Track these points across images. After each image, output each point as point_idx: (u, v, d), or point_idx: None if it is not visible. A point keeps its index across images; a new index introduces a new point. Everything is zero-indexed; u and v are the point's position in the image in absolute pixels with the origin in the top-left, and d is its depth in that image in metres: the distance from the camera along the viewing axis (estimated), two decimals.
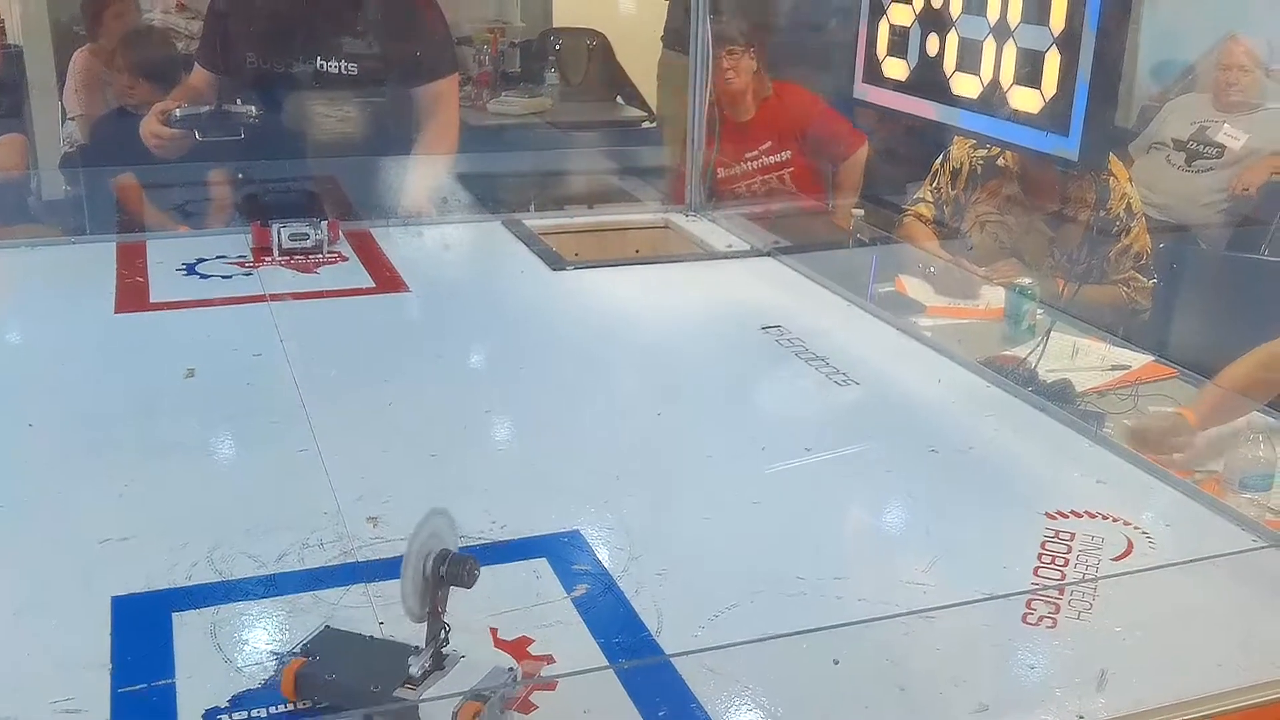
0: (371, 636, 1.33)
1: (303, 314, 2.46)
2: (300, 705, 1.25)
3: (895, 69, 2.41)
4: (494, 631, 1.39)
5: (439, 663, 1.27)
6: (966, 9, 2.19)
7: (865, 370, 2.24)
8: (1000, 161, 3.19)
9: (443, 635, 1.27)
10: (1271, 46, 4.32)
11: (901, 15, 2.35)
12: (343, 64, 3.11)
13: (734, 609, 1.46)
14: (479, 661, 1.29)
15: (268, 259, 2.72)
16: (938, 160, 3.33)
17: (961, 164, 3.26)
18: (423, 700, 1.23)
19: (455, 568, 1.25)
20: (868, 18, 2.47)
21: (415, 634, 1.28)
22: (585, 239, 3.10)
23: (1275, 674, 1.36)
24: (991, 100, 2.15)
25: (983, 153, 3.21)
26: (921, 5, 2.30)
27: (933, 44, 2.28)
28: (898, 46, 2.39)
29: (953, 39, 2.23)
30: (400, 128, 3.20)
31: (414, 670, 1.25)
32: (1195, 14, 4.56)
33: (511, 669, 1.30)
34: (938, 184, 3.33)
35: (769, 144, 4.01)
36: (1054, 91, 2.00)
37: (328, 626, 1.34)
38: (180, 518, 1.65)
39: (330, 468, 1.79)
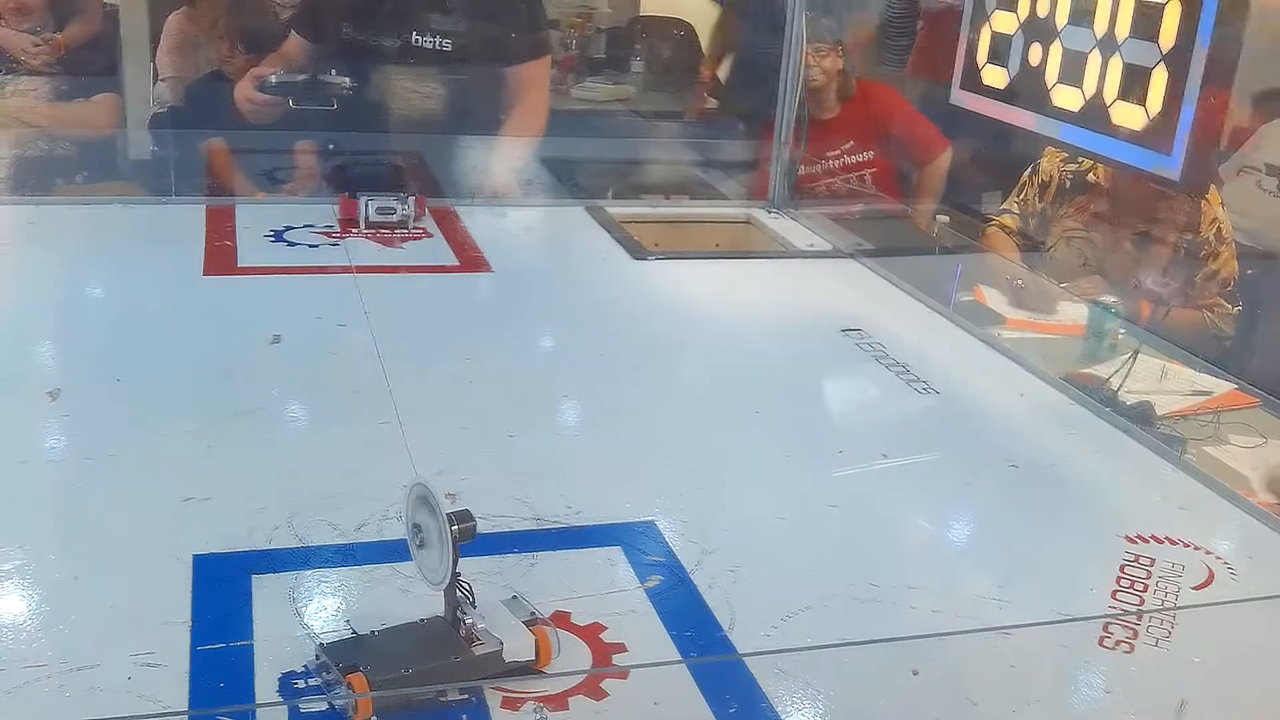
0: (373, 631, 1.32)
1: (387, 287, 2.48)
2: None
3: (995, 76, 2.38)
4: (567, 616, 1.40)
5: (470, 600, 1.30)
6: (1072, 20, 2.16)
7: (945, 378, 2.22)
8: (1090, 177, 3.14)
9: (467, 593, 1.29)
10: None
11: (1004, 23, 2.33)
12: (436, 40, 3.12)
13: (806, 611, 1.46)
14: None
15: (354, 231, 2.75)
16: (1026, 172, 3.29)
17: (1050, 177, 3.22)
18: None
19: (464, 525, 1.25)
20: (969, 24, 2.44)
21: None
22: (667, 229, 3.10)
23: None
24: (1093, 114, 2.11)
25: (1073, 167, 3.16)
26: (1026, 14, 2.27)
27: (1035, 53, 2.25)
28: (999, 54, 2.36)
29: (1056, 49, 2.20)
30: (489, 107, 3.21)
31: (471, 628, 1.26)
32: None
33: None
34: (1025, 195, 3.29)
35: (851, 143, 3.99)
36: (1159, 109, 1.96)
37: (323, 644, 1.29)
38: (261, 481, 1.67)
39: (410, 441, 1.80)
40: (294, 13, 3.83)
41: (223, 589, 1.42)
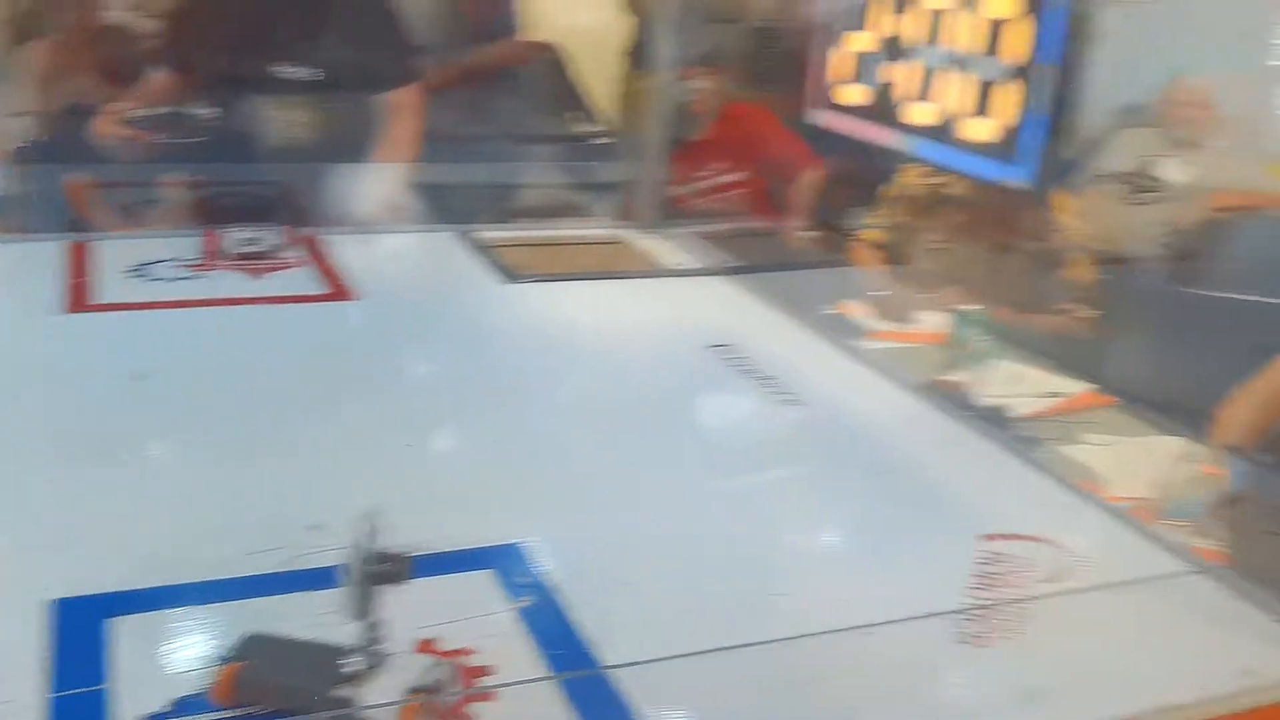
0: (296, 639, 1.33)
1: (252, 320, 2.46)
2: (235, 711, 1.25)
3: (851, 95, 2.45)
4: (432, 642, 1.40)
5: (372, 661, 1.28)
6: (925, 38, 2.24)
7: (812, 390, 2.27)
8: (949, 190, 3.24)
9: (378, 635, 1.28)
10: (1220, 85, 4.41)
11: (860, 42, 2.40)
12: (304, 69, 3.11)
13: (677, 624, 1.48)
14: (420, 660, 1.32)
15: (219, 263, 2.72)
16: (888, 187, 3.38)
17: (911, 191, 3.31)
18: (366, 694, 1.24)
19: (388, 566, 1.26)
20: (826, 43, 2.51)
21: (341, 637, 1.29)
22: (539, 252, 3.11)
23: (1194, 695, 1.40)
24: (946, 129, 2.19)
25: (932, 181, 3.26)
26: (880, 33, 2.34)
27: (888, 71, 2.32)
28: (855, 72, 2.43)
29: (908, 67, 2.27)
30: (359, 135, 3.20)
31: (348, 670, 1.26)
32: (1145, 50, 4.65)
33: (443, 664, 1.33)
34: (887, 210, 3.38)
35: (723, 163, 4.05)
36: (1008, 122, 2.04)
37: (250, 633, 1.34)
38: (121, 521, 1.64)
39: (276, 475, 1.80)
40: (158, 44, 3.78)
41: (81, 633, 1.40)
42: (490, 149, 4.69)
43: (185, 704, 1.27)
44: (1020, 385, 2.48)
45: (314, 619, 1.36)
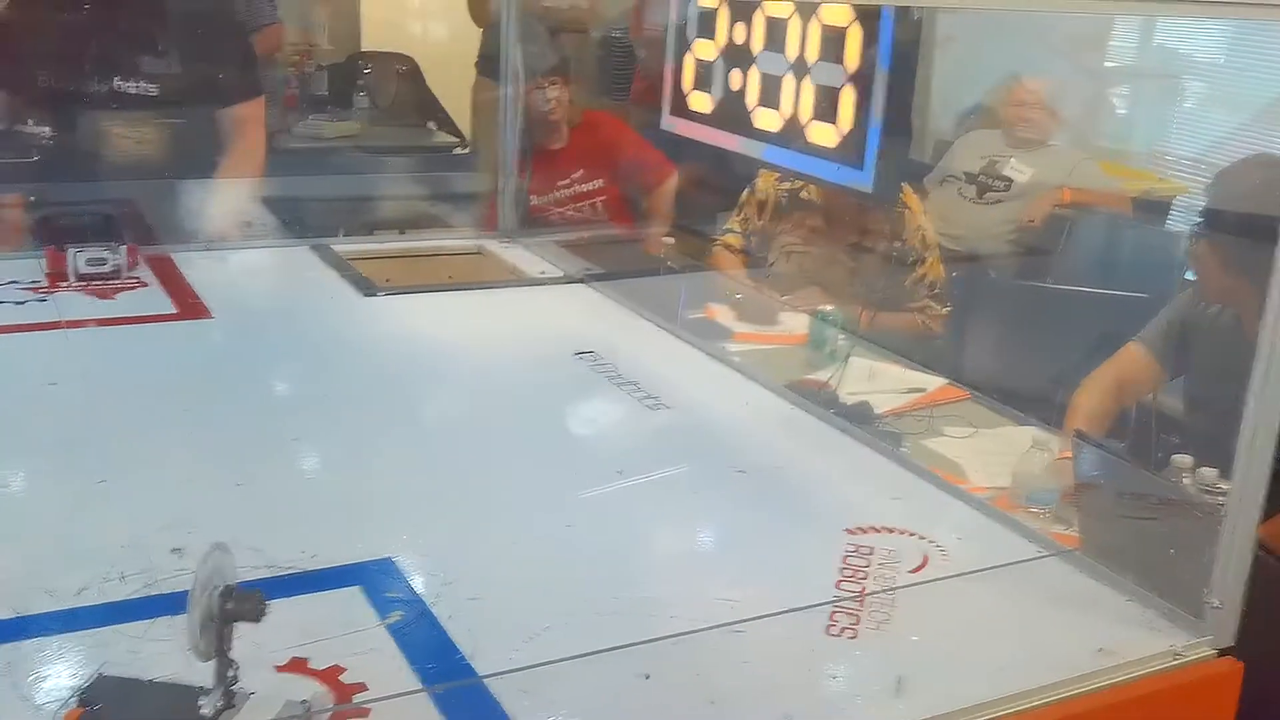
0: (151, 681, 1.29)
1: (100, 341, 2.38)
2: None
3: (701, 102, 2.48)
4: (302, 662, 1.37)
5: (230, 700, 1.24)
6: (767, 46, 2.28)
7: (676, 394, 2.29)
8: (804, 194, 3.31)
9: (231, 673, 1.24)
10: (1057, 86, 4.59)
11: (706, 50, 2.43)
12: (141, 84, 3.02)
13: (548, 630, 1.48)
14: (277, 695, 1.27)
15: (63, 284, 2.62)
16: (745, 192, 3.44)
17: (767, 196, 3.37)
18: None
19: (241, 603, 1.23)
20: (673, 51, 2.54)
21: (196, 675, 1.25)
22: (398, 265, 3.08)
23: (1051, 677, 1.45)
24: (792, 134, 2.23)
25: (787, 185, 3.32)
26: (725, 41, 2.38)
27: (736, 79, 2.36)
28: (703, 80, 2.46)
29: (754, 74, 2.31)
30: (202, 150, 3.13)
31: (206, 710, 1.22)
32: (985, 54, 4.81)
33: (304, 701, 1.29)
34: (745, 215, 3.43)
35: (581, 172, 4.07)
36: (849, 127, 2.09)
37: (101, 674, 1.29)
38: None
39: (131, 499, 1.74)
40: None
41: None
42: (346, 161, 4.63)
43: None
44: (879, 382, 2.53)
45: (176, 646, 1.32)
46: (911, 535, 1.79)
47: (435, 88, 5.61)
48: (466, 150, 5.28)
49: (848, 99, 2.07)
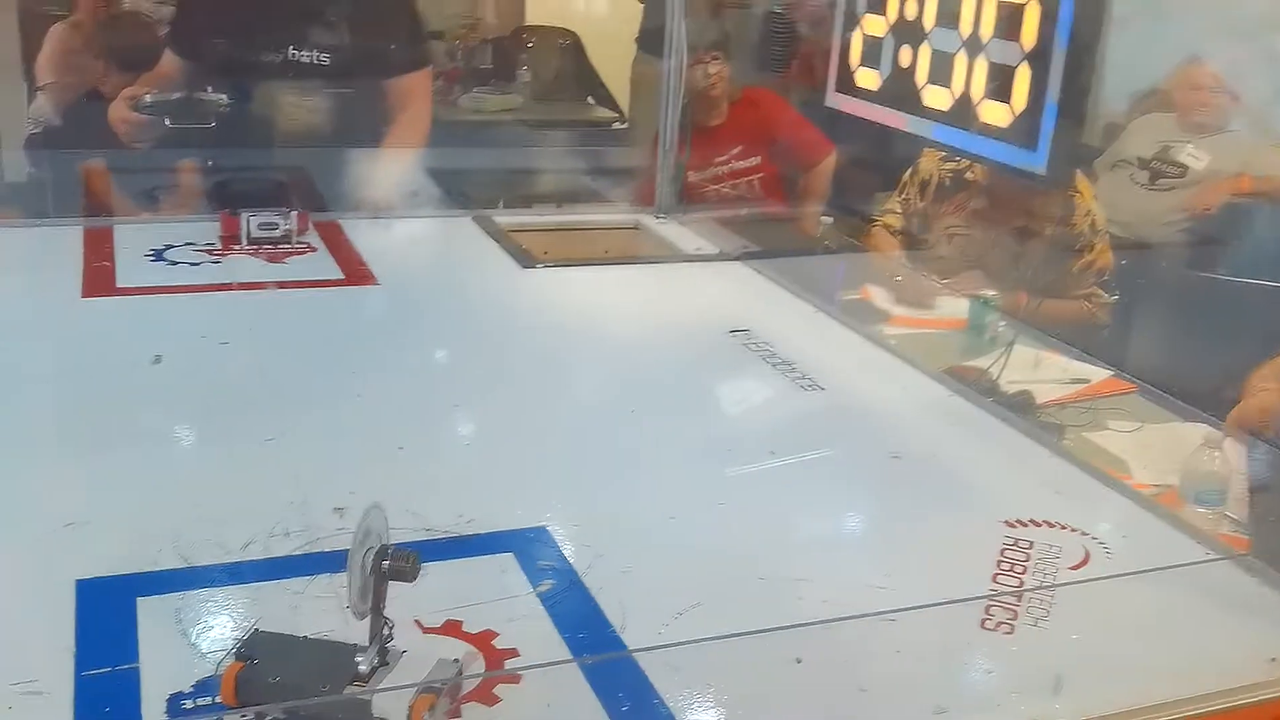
0: (305, 637, 1.31)
1: (270, 304, 2.46)
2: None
3: (868, 79, 2.43)
4: (458, 624, 1.40)
5: (384, 658, 1.27)
6: (939, 22, 2.22)
7: (830, 376, 2.26)
8: (968, 175, 3.23)
9: (386, 631, 1.27)
10: (1235, 70, 4.39)
11: (875, 26, 2.38)
12: (315, 54, 3.10)
13: (697, 607, 1.48)
14: (429, 655, 1.29)
15: (236, 248, 2.72)
16: (906, 172, 3.37)
17: (930, 176, 3.30)
18: (378, 690, 1.23)
19: (396, 563, 1.25)
20: (841, 27, 2.49)
21: (351, 633, 1.27)
22: (555, 238, 3.10)
23: (1221, 684, 1.39)
24: (962, 113, 2.17)
25: (951, 165, 3.25)
26: (895, 16, 2.33)
27: (905, 55, 2.30)
28: (870, 57, 2.41)
29: (925, 51, 2.26)
30: (371, 119, 3.19)
31: (363, 667, 1.24)
32: (1162, 35, 4.62)
33: (456, 660, 1.31)
34: (906, 195, 3.36)
35: (738, 149, 4.04)
36: (1023, 106, 2.02)
37: (258, 629, 1.32)
38: (145, 503, 1.65)
39: (296, 458, 1.80)
40: (169, 30, 3.77)
41: (106, 613, 1.40)
42: (506, 134, 4.69)
43: (205, 685, 1.27)
44: (1041, 371, 2.47)
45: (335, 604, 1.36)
46: (1072, 531, 1.74)
47: (596, 63, 5.64)
48: (624, 125, 5.30)
49: (1023, 78, 2.00)
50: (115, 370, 2.09)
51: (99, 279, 2.50)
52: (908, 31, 2.31)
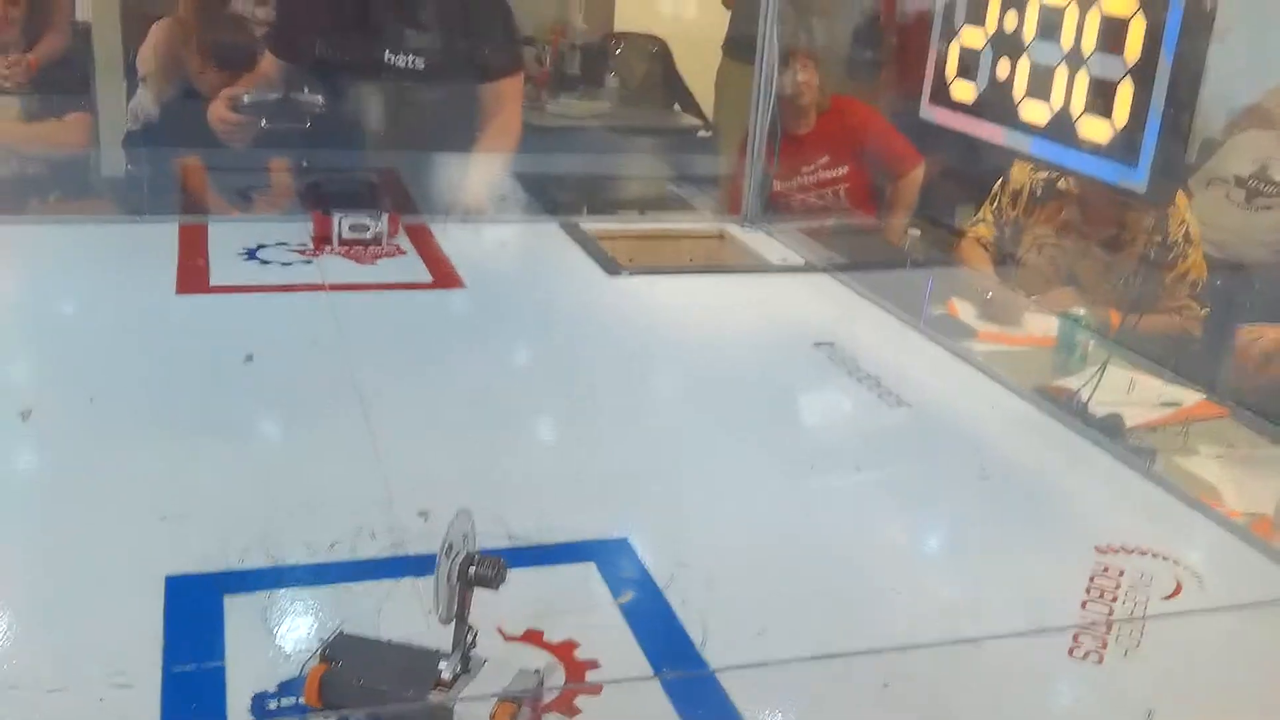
0: (389, 641, 1.32)
1: (360, 305, 2.48)
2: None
3: (964, 91, 2.40)
4: (539, 634, 1.40)
5: (466, 665, 1.27)
6: (1040, 34, 2.18)
7: (917, 392, 2.23)
8: (1060, 184, 3.17)
9: (470, 638, 1.27)
10: None
11: (973, 38, 2.35)
12: (409, 57, 3.13)
13: (779, 625, 1.46)
14: (510, 663, 1.29)
15: (327, 248, 2.75)
16: (998, 182, 3.32)
17: (1022, 185, 3.25)
18: (461, 698, 1.23)
19: (482, 570, 1.25)
20: (938, 38, 2.46)
21: (433, 638, 1.28)
22: (641, 245, 3.10)
23: None
24: (1061, 128, 2.13)
25: (1043, 175, 3.20)
26: (994, 28, 2.29)
27: (1003, 68, 2.27)
28: (967, 69, 2.38)
29: (1024, 64, 2.22)
30: (463, 123, 3.22)
31: (446, 674, 1.25)
32: (1267, 47, 4.51)
33: (537, 670, 1.31)
34: (999, 204, 3.32)
35: (826, 158, 4.01)
36: (1124, 122, 1.99)
37: (342, 631, 1.33)
38: (234, 500, 1.67)
39: (383, 459, 1.81)
40: (268, 31, 3.83)
41: (195, 609, 1.42)
42: (593, 139, 4.70)
43: (289, 685, 1.28)
44: (1132, 393, 2.41)
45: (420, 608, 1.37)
46: (1165, 559, 1.70)
47: (682, 68, 5.63)
48: (709, 133, 5.29)
49: (1125, 93, 1.96)
50: (207, 367, 2.13)
51: (193, 276, 2.55)
52: (1007, 43, 2.28)
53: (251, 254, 2.70)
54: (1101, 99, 2.07)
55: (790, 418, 2.16)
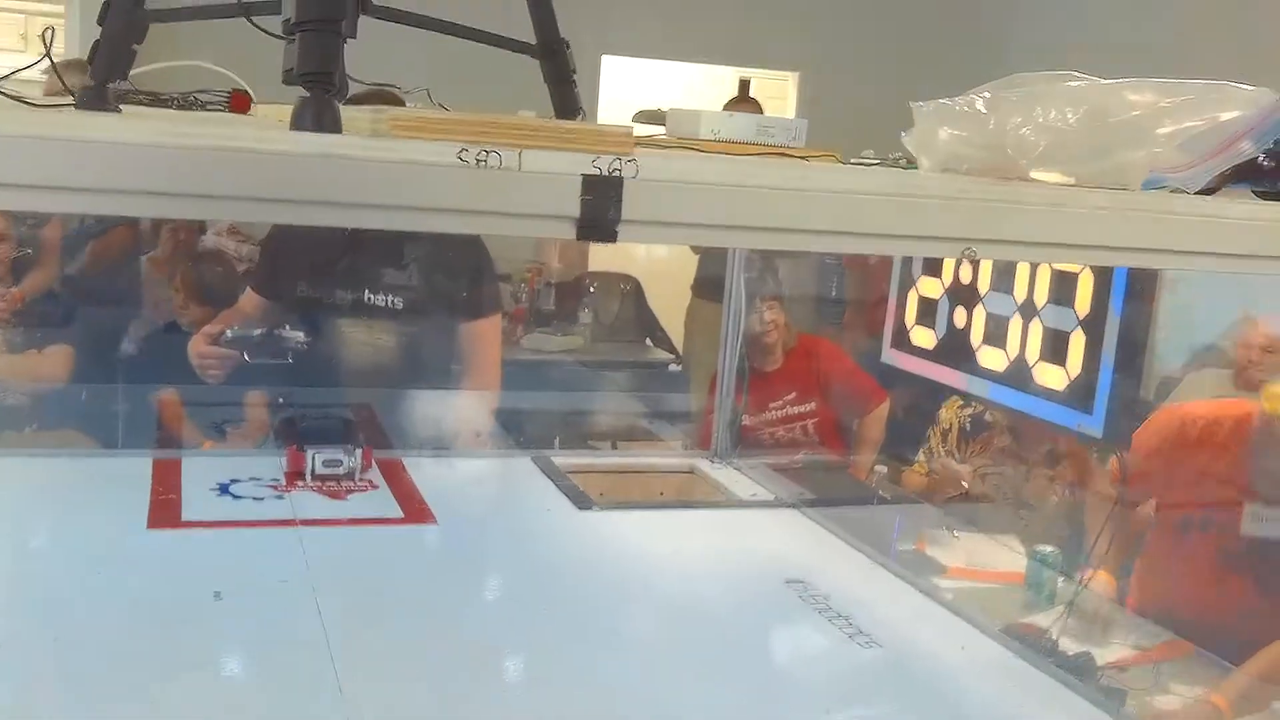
0: None
1: (331, 541, 2.49)
2: None
3: (923, 337, 2.50)
4: None
5: None
6: (995, 286, 2.29)
7: (888, 631, 2.24)
8: (987, 417, 3.27)
9: None
10: None
11: (930, 288, 2.46)
12: (389, 297, 3.22)
13: None
14: None
15: (300, 483, 2.77)
16: (931, 422, 3.42)
17: (950, 424, 3.35)
18: None
19: None
20: (897, 288, 2.57)
21: None
22: (612, 479, 3.14)
23: None
24: (1018, 374, 2.22)
25: (970, 410, 3.30)
26: (950, 279, 2.41)
27: (960, 316, 2.37)
28: (926, 316, 2.49)
29: (980, 313, 2.32)
30: (439, 361, 3.28)
31: None
32: (1212, 295, 4.69)
33: None
34: (930, 446, 3.40)
35: (793, 394, 4.11)
36: (1078, 370, 2.07)
37: None
38: None
39: (351, 699, 1.79)
40: (250, 267, 3.95)
41: None
42: (566, 374, 4.80)
43: None
44: (1101, 631, 2.43)
45: None
46: None
47: (653, 305, 5.81)
48: (679, 368, 5.41)
49: (1078, 343, 2.06)
50: (175, 604, 2.11)
51: (165, 510, 2.55)
52: (963, 294, 2.39)
53: (224, 489, 2.71)
54: (1056, 347, 2.16)
55: (762, 656, 2.16)
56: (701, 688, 1.98)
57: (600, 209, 1.15)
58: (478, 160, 1.11)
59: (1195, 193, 1.43)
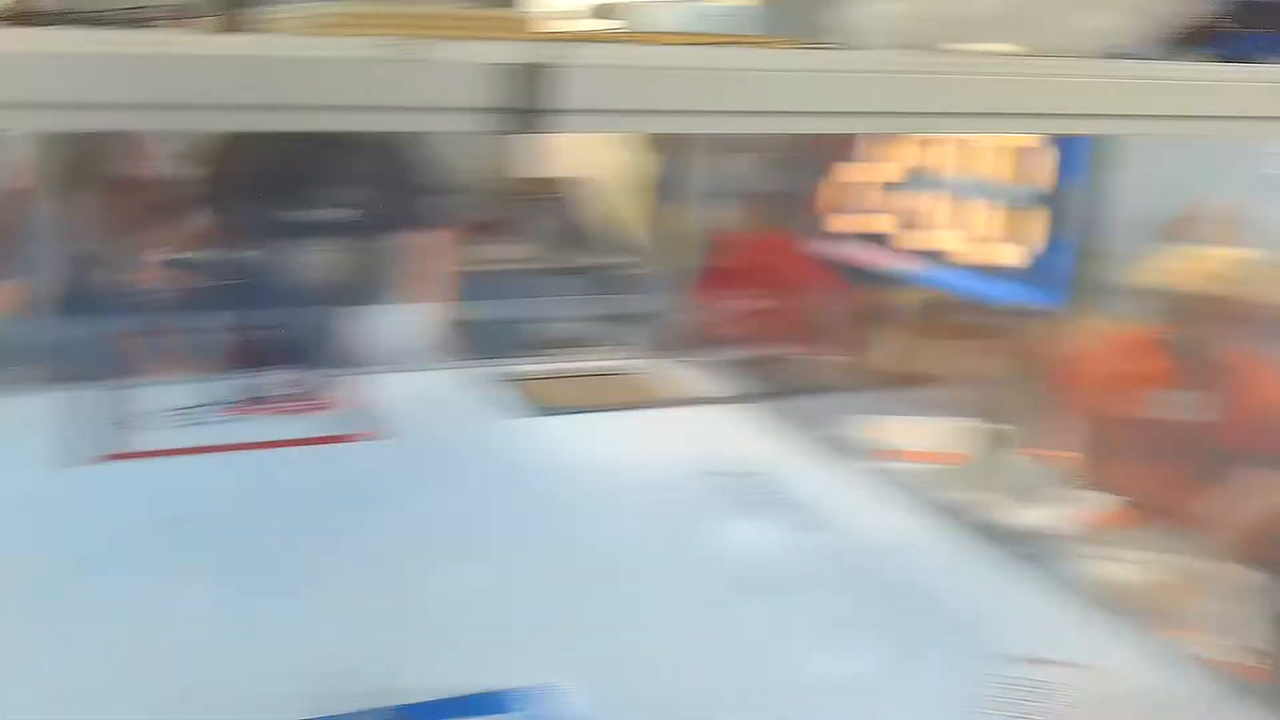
0: None
1: (288, 462, 2.49)
2: None
3: (877, 223, 2.49)
4: None
5: None
6: (950, 168, 2.27)
7: (840, 516, 2.28)
8: (939, 299, 3.28)
9: None
10: (1242, 205, 4.43)
11: (884, 173, 2.44)
12: (340, 210, 3.19)
13: None
14: None
15: (256, 406, 2.76)
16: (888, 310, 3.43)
17: (905, 309, 3.36)
18: None
19: None
20: (848, 174, 2.55)
21: None
22: (568, 385, 3.14)
23: None
24: (976, 255, 2.22)
25: (926, 299, 3.31)
26: (904, 163, 2.38)
27: (916, 200, 2.35)
28: (880, 201, 2.47)
29: (936, 196, 2.31)
30: (389, 275, 3.27)
31: None
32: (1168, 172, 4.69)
33: None
34: (885, 333, 3.42)
35: (750, 290, 4.10)
36: (1036, 247, 2.06)
37: None
38: (156, 671, 1.66)
39: (311, 618, 1.81)
40: (197, 191, 3.89)
41: None
42: (518, 283, 4.78)
43: None
44: (1046, 501, 2.47)
45: None
46: (1085, 668, 1.73)
47: (614, 207, 5.77)
48: (637, 270, 5.39)
49: (1034, 219, 2.05)
50: (132, 533, 2.12)
51: (119, 442, 2.54)
52: (917, 177, 2.37)
53: (181, 415, 2.70)
54: (1013, 225, 2.15)
55: (715, 549, 2.19)
56: (654, 587, 2.01)
57: (525, 98, 1.11)
58: (397, 55, 1.07)
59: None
